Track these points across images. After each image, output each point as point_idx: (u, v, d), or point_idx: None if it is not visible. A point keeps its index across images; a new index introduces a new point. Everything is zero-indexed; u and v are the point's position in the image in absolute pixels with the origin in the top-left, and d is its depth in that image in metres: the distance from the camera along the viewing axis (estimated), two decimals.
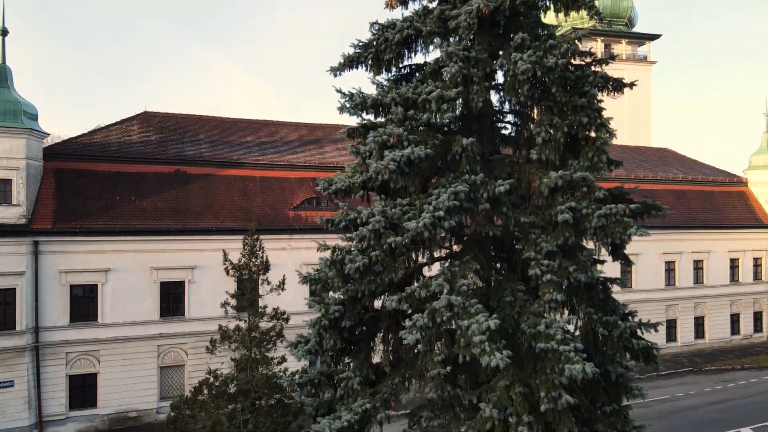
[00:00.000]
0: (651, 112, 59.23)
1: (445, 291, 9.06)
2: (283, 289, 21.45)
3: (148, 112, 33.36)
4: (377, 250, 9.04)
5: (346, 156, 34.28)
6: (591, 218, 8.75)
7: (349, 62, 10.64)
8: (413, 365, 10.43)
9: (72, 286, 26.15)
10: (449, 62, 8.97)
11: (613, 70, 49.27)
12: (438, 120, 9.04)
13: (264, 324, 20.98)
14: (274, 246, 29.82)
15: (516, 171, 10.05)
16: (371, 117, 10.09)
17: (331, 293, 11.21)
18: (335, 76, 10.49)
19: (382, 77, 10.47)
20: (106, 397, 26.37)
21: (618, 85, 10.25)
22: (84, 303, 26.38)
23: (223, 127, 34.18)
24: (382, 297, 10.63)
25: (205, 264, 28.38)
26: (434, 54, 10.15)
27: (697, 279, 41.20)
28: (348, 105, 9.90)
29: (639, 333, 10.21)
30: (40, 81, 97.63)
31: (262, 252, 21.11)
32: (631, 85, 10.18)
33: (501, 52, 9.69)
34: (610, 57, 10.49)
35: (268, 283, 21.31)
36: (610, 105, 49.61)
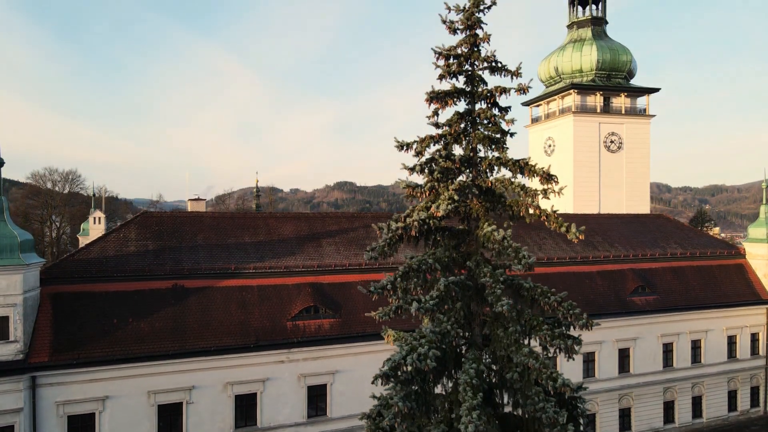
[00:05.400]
0: (650, 165, 59.17)
1: None
2: None
3: (146, 214, 33.31)
4: None
5: (343, 254, 34.21)
6: None
7: None
8: None
9: (69, 417, 26.11)
10: None
11: (612, 124, 49.27)
12: None
13: None
14: (271, 360, 29.94)
15: None
16: None
17: None
18: None
19: None
20: None
21: None
22: None
23: (220, 226, 34.07)
24: None
25: (204, 383, 28.38)
26: None
27: (695, 358, 41.21)
28: None
29: None
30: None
31: None
32: None
33: None
34: None
35: None
36: (608, 161, 49.42)
